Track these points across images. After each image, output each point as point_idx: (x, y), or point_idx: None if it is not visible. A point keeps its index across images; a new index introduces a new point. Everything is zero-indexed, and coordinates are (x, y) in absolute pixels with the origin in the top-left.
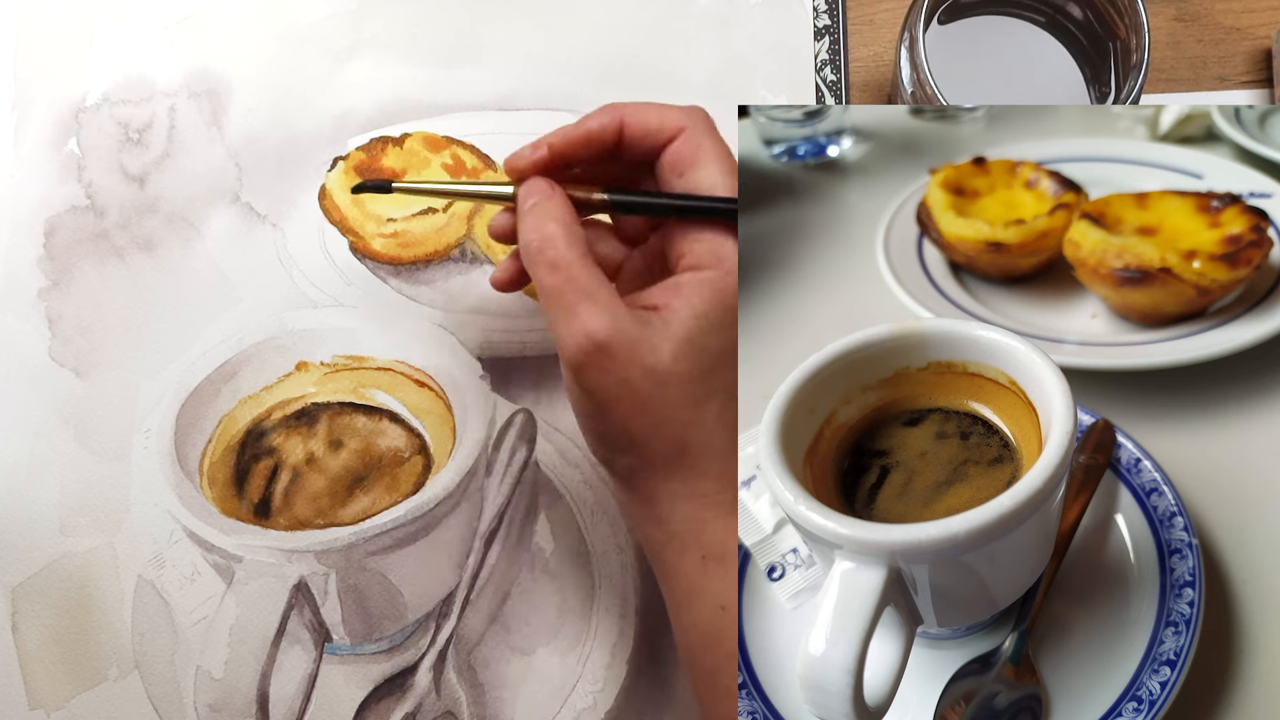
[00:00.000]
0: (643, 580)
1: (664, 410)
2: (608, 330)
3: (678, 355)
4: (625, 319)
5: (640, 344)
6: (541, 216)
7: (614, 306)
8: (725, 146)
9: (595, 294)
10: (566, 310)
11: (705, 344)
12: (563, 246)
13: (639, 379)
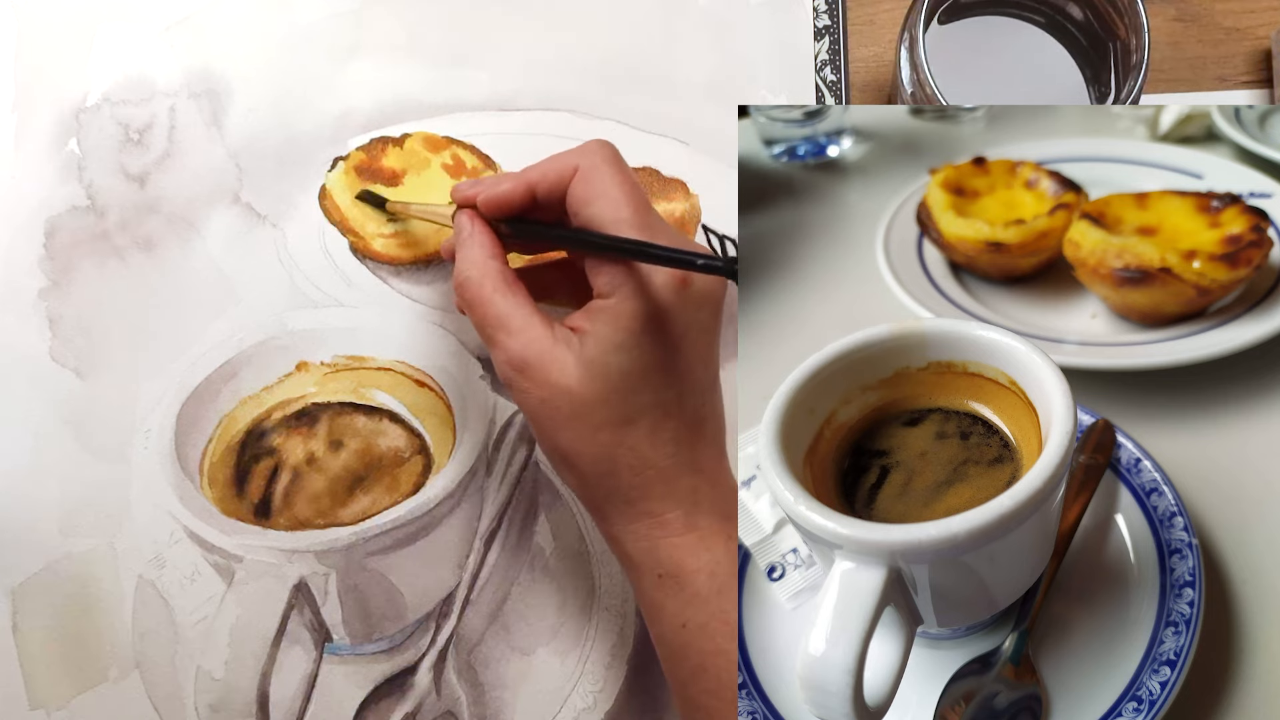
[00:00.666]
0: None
1: (584, 430)
2: (517, 354)
3: (585, 377)
4: (539, 340)
5: (552, 364)
6: (461, 257)
7: (528, 330)
8: (623, 175)
9: (508, 321)
10: (489, 340)
11: (613, 365)
12: (475, 285)
13: (557, 398)
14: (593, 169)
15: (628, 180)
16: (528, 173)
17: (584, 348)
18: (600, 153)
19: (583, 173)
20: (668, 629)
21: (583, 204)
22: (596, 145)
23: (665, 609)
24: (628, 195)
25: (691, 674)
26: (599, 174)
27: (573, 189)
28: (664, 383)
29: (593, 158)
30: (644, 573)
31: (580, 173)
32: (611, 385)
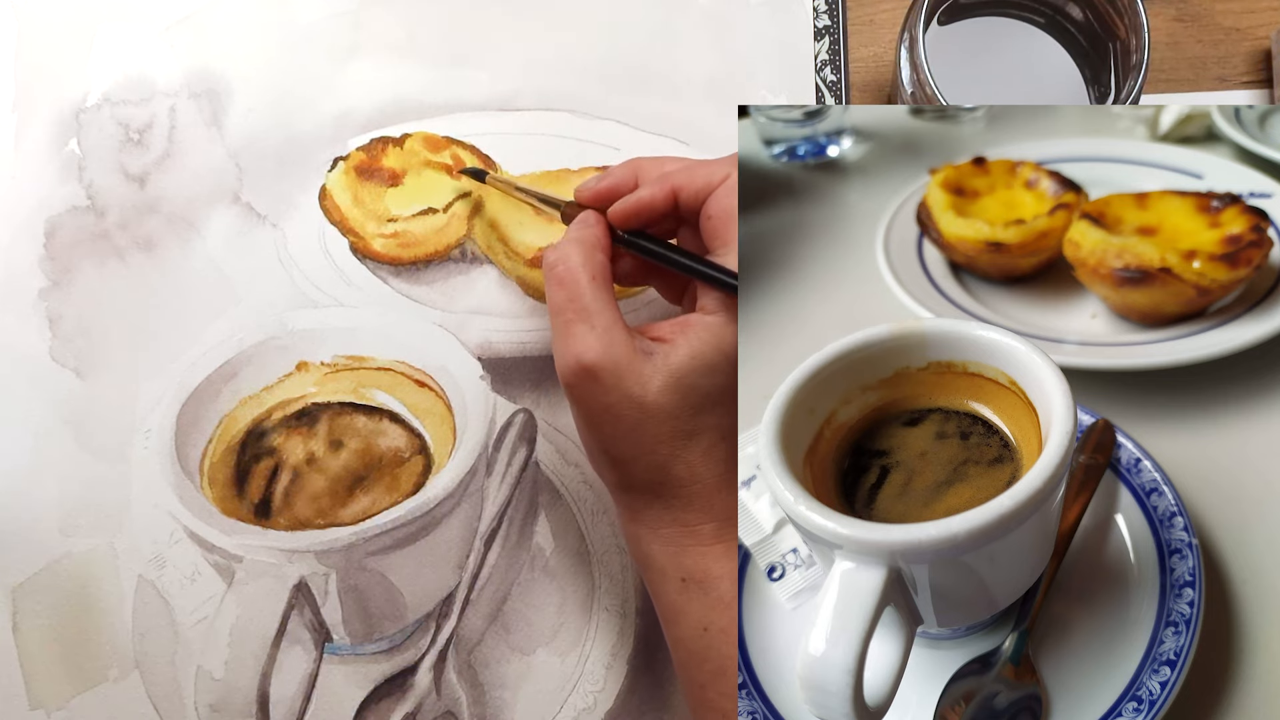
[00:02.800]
0: (643, 580)
1: (647, 439)
2: (596, 355)
3: (665, 389)
4: (619, 346)
5: (629, 373)
6: (570, 239)
7: (610, 332)
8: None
9: (593, 317)
10: (564, 327)
11: (696, 383)
12: (574, 265)
13: (623, 406)
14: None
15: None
16: (672, 175)
17: (669, 359)
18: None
19: (730, 185)
20: (689, 632)
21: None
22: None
23: (687, 613)
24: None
25: (711, 677)
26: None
27: (715, 197)
28: (730, 408)
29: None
30: (667, 576)
31: (729, 184)
32: (687, 401)
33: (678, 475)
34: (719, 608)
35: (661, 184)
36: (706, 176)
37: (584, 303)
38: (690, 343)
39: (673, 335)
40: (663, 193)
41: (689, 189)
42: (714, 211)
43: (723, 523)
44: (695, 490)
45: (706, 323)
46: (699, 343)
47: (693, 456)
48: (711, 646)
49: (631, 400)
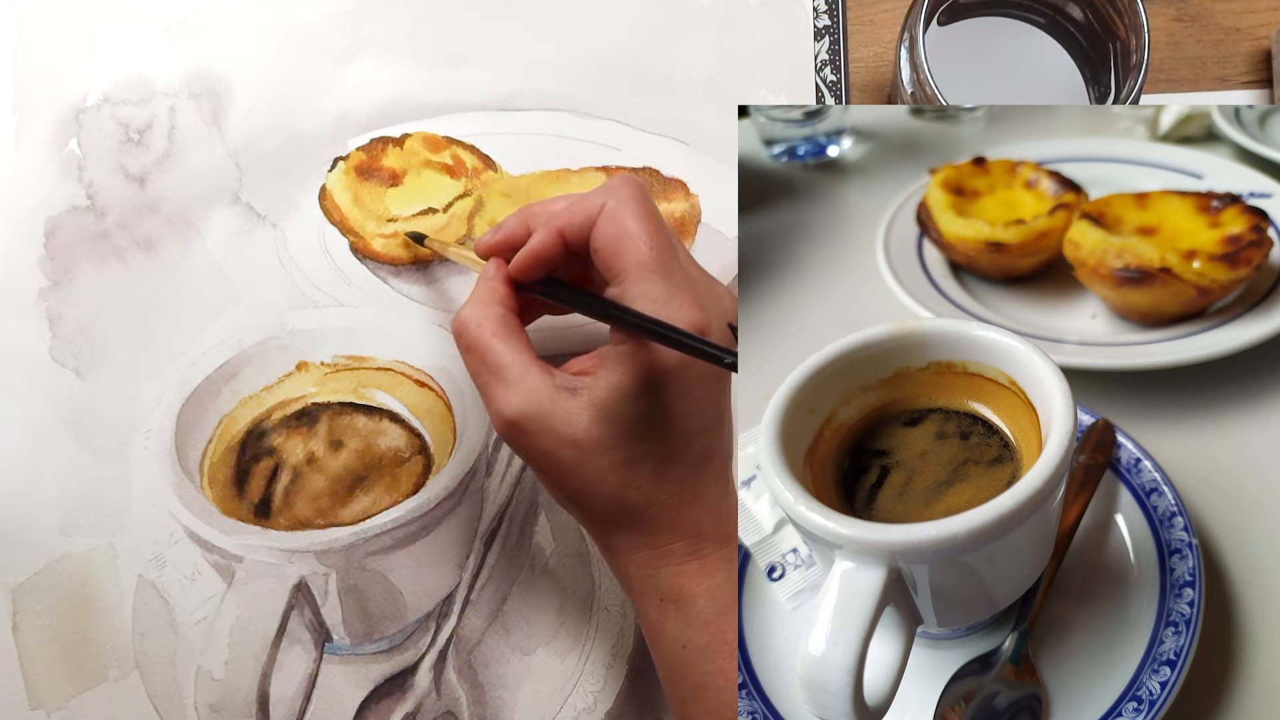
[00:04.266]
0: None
1: (591, 474)
2: (517, 408)
3: (594, 423)
4: (538, 392)
5: (554, 416)
6: (468, 301)
7: (525, 381)
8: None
9: (504, 372)
10: (483, 390)
11: (624, 412)
12: (474, 328)
13: (558, 448)
14: (620, 207)
15: (653, 220)
16: (556, 219)
17: (593, 392)
18: (626, 190)
19: (608, 212)
20: (669, 650)
21: (607, 245)
22: (621, 183)
23: (666, 631)
24: (653, 238)
25: (691, 693)
26: (625, 213)
27: (598, 229)
28: (670, 429)
29: (619, 195)
30: (646, 596)
31: (606, 212)
32: (619, 430)
33: (632, 502)
34: (696, 625)
35: (548, 228)
36: (585, 210)
37: (493, 361)
38: (608, 375)
39: (593, 368)
40: (550, 237)
41: (571, 227)
42: (598, 244)
43: (692, 540)
44: (654, 513)
45: (619, 352)
46: (615, 374)
47: (641, 481)
48: (690, 664)
49: (564, 441)
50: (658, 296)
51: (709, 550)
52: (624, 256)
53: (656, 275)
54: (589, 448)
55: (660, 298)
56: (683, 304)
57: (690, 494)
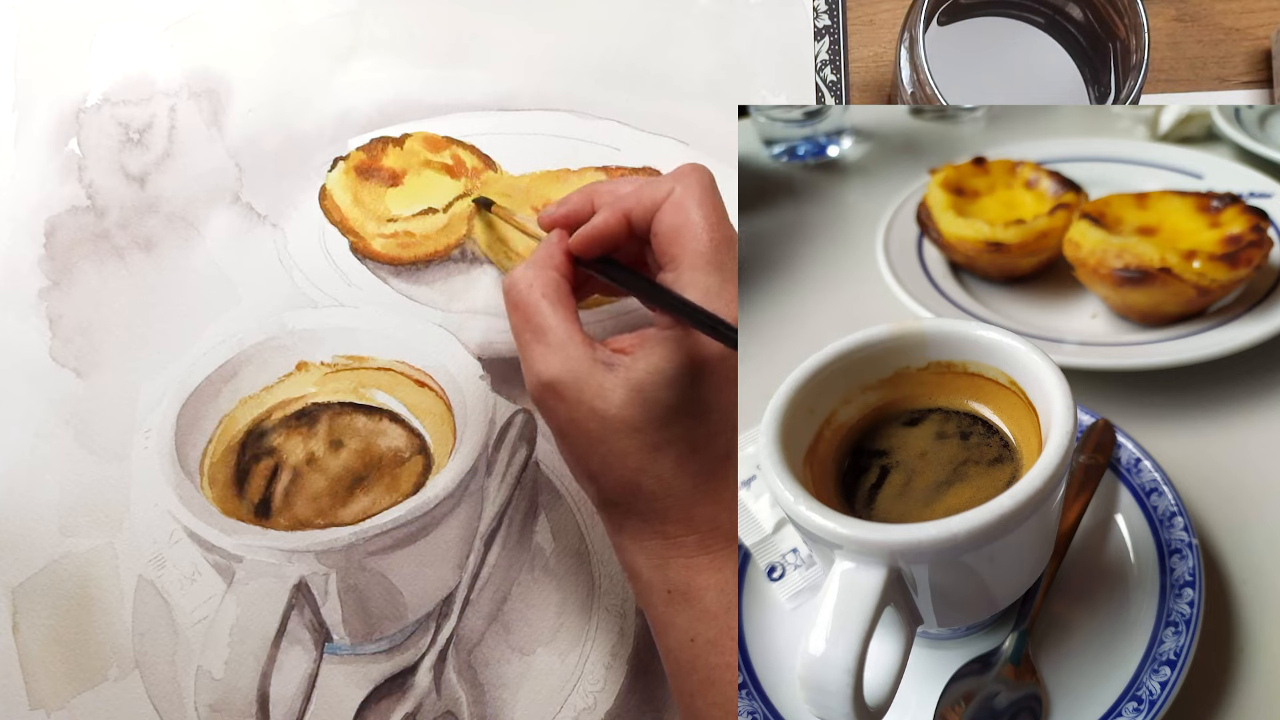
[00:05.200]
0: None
1: (614, 453)
2: (555, 371)
3: (627, 402)
4: (577, 361)
5: (589, 386)
6: (524, 262)
7: (567, 347)
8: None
9: (547, 334)
10: (524, 349)
11: (658, 396)
12: (525, 287)
13: (586, 419)
14: (686, 195)
15: (717, 213)
16: (623, 200)
17: (630, 372)
18: (695, 178)
19: (674, 199)
20: (676, 643)
21: (669, 231)
22: (691, 170)
23: (674, 624)
24: (713, 230)
25: (699, 687)
26: (691, 202)
27: (661, 215)
28: (700, 420)
29: (687, 183)
30: (653, 589)
31: (671, 199)
32: (649, 414)
33: (649, 488)
34: (705, 619)
35: (614, 209)
36: (652, 195)
37: (538, 321)
38: (648, 356)
39: (632, 347)
40: (615, 218)
41: (638, 210)
42: (660, 229)
43: (706, 534)
44: (669, 503)
45: (662, 337)
46: (656, 357)
47: (662, 469)
48: (699, 657)
49: (594, 413)
50: (710, 288)
51: (720, 546)
52: (683, 244)
53: (712, 267)
54: (617, 426)
55: (713, 289)
56: (729, 298)
57: (708, 488)
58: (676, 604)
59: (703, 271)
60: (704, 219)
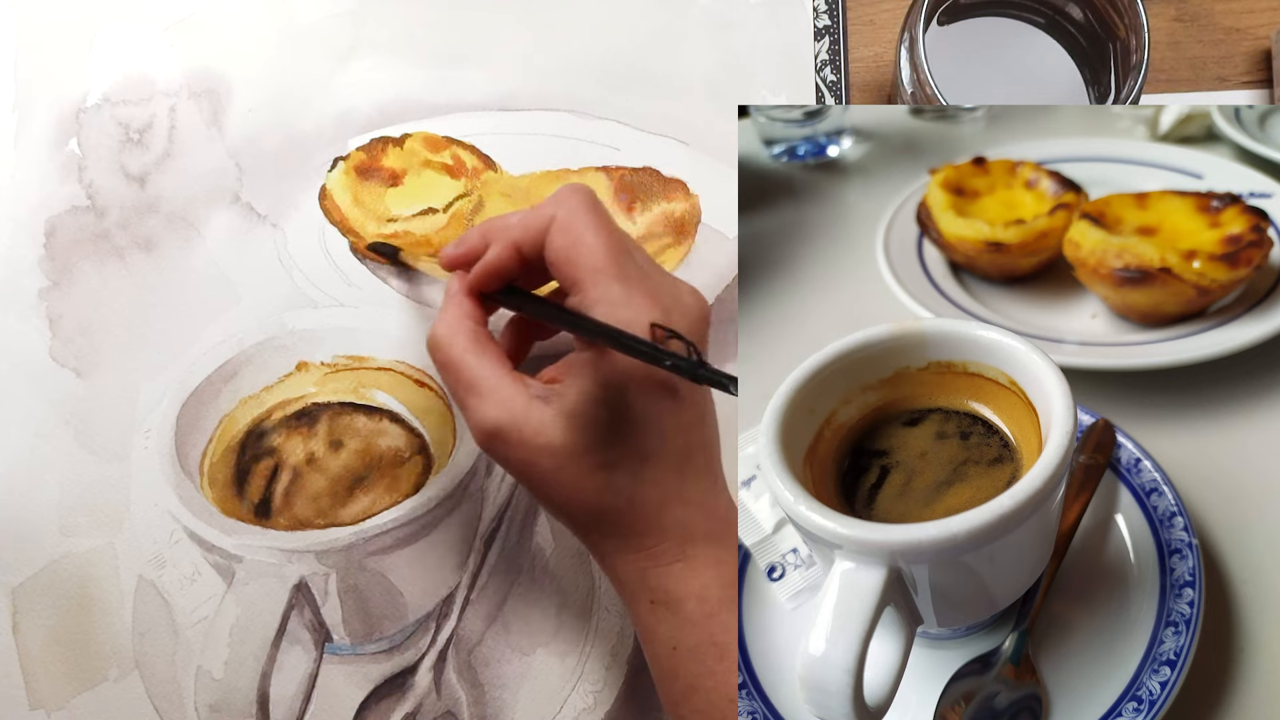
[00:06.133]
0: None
1: (570, 480)
2: (493, 419)
3: (567, 430)
4: (511, 403)
5: (528, 425)
6: (438, 320)
7: (498, 392)
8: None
9: (478, 386)
10: (460, 404)
11: (595, 418)
12: (446, 345)
13: (536, 457)
14: (569, 217)
15: (604, 226)
16: (509, 232)
17: (564, 401)
18: (574, 199)
19: (559, 223)
20: (660, 651)
21: (560, 255)
22: (569, 192)
23: (657, 633)
24: (605, 243)
25: (683, 694)
26: (576, 222)
27: (550, 241)
28: (644, 429)
29: (568, 205)
30: (637, 598)
31: (556, 223)
32: (592, 436)
33: (614, 506)
34: (686, 628)
35: (502, 242)
36: (536, 223)
37: (466, 375)
38: (576, 382)
39: (561, 375)
40: (505, 250)
41: (525, 238)
42: (552, 256)
43: (679, 540)
44: (636, 515)
45: (583, 360)
46: (583, 380)
47: (620, 485)
48: (681, 665)
49: (541, 450)
50: (615, 299)
51: (697, 550)
52: (578, 264)
53: (611, 279)
54: (565, 455)
55: (617, 300)
56: (640, 304)
57: (673, 492)
58: (658, 613)
59: (603, 286)
60: (593, 235)
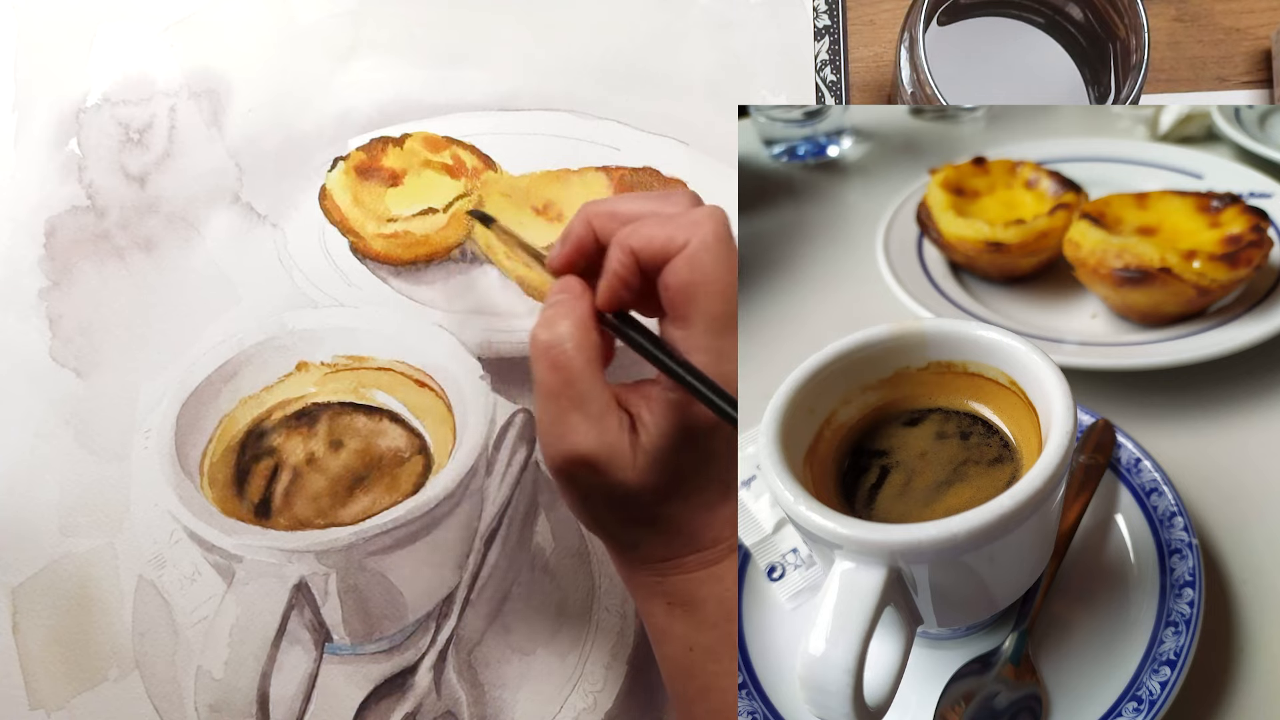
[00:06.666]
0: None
1: (633, 510)
2: (592, 446)
3: (648, 469)
4: (613, 433)
5: (619, 459)
6: (560, 312)
7: (604, 419)
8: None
9: (589, 405)
10: (558, 413)
11: (673, 460)
12: (570, 347)
13: (615, 488)
14: (704, 250)
15: (729, 268)
16: (631, 239)
17: (648, 438)
18: (711, 228)
19: (690, 253)
20: (675, 651)
21: (681, 287)
22: (707, 218)
23: (673, 633)
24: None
25: (697, 694)
26: (708, 257)
27: (674, 267)
28: (712, 464)
29: (702, 234)
30: (653, 600)
31: (686, 253)
32: (666, 477)
33: (662, 530)
34: (704, 628)
35: (623, 248)
36: (666, 241)
37: (580, 389)
38: (659, 423)
39: (640, 410)
40: (628, 261)
41: (646, 253)
42: (671, 282)
43: (708, 550)
44: (682, 537)
45: (670, 400)
46: (667, 423)
47: (673, 514)
48: (697, 664)
49: (622, 484)
50: (722, 351)
51: (721, 557)
52: (697, 304)
53: (722, 329)
54: (640, 491)
55: (724, 352)
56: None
57: (712, 514)
58: (676, 614)
59: (714, 335)
60: (720, 278)
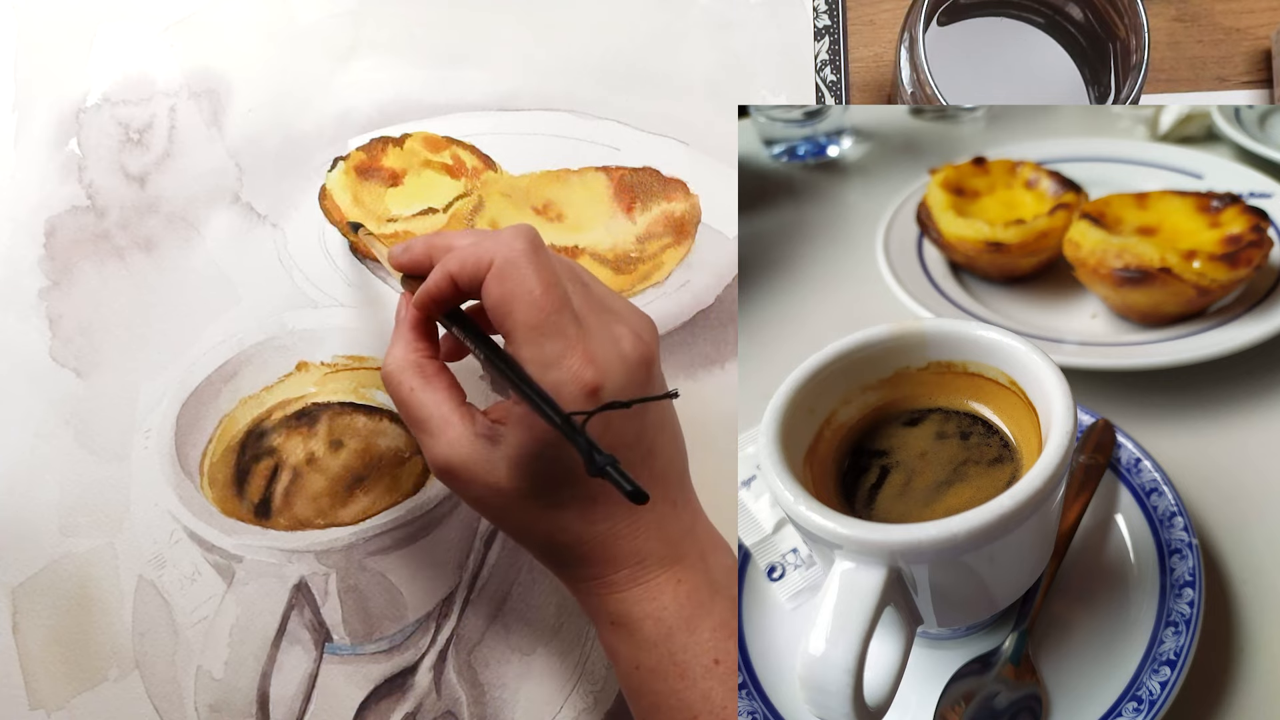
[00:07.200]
0: None
1: (519, 520)
2: (444, 458)
3: (513, 475)
4: (459, 443)
5: (477, 465)
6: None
7: (446, 432)
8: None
9: (428, 424)
10: (412, 431)
11: (538, 466)
12: (395, 381)
13: (487, 495)
14: (507, 265)
15: (544, 277)
16: (449, 261)
17: (508, 447)
18: (515, 244)
19: (496, 270)
20: (624, 671)
21: (496, 304)
22: (512, 236)
23: (619, 652)
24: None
25: (648, 711)
26: (514, 271)
27: (486, 286)
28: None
29: (506, 251)
30: (598, 620)
31: (494, 270)
32: (537, 482)
33: (564, 543)
34: (645, 648)
35: (442, 269)
36: (476, 260)
37: (415, 414)
38: (515, 432)
39: (502, 420)
40: (443, 281)
41: (462, 275)
42: (488, 301)
43: (634, 568)
44: (587, 549)
45: (519, 412)
46: (518, 433)
47: (568, 523)
48: (644, 684)
49: (490, 489)
50: (546, 359)
51: (653, 575)
52: (514, 317)
53: (546, 337)
54: (513, 497)
55: (549, 360)
56: (571, 365)
57: (625, 528)
58: (619, 634)
59: (535, 344)
60: (529, 286)
